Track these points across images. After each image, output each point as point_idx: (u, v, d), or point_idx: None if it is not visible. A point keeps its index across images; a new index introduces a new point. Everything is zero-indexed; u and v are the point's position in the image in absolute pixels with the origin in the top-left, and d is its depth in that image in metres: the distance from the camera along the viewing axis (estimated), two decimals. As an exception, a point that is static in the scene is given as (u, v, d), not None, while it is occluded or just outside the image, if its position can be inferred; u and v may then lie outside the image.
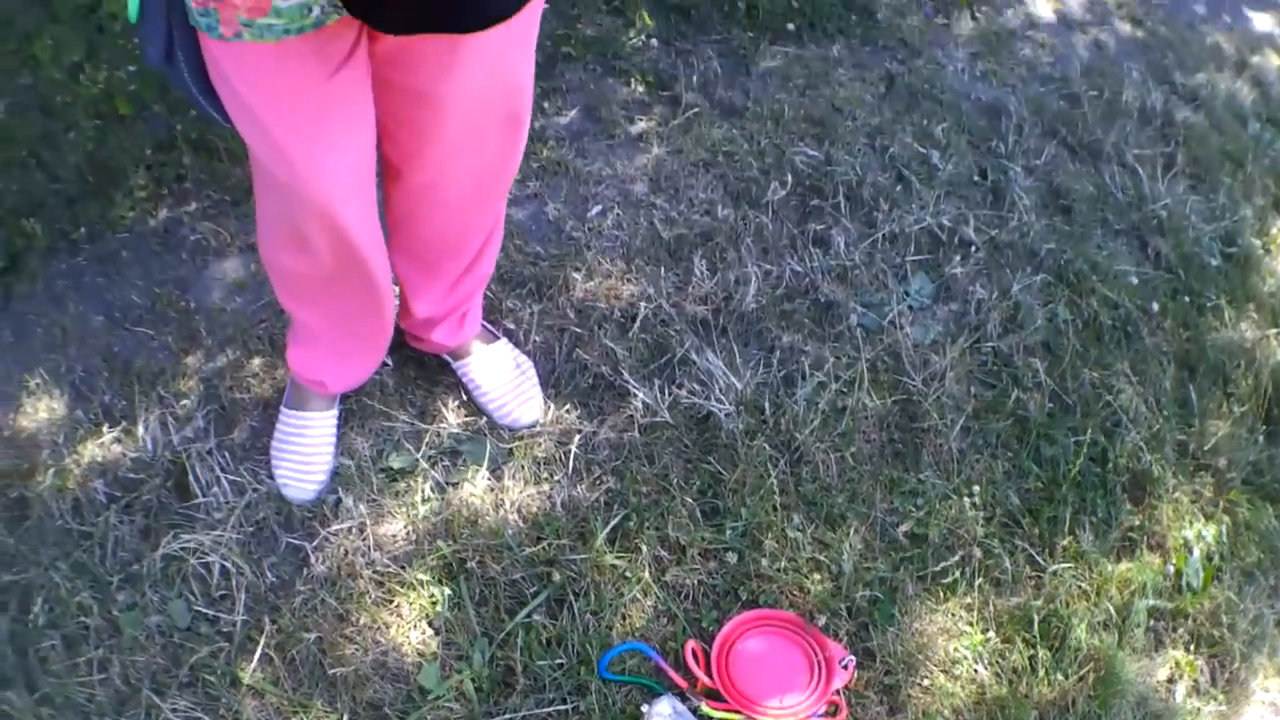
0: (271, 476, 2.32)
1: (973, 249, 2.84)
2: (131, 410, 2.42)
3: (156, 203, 2.87)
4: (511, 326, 2.59)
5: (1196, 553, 2.43)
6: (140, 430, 2.38)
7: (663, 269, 2.68)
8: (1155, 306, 2.86)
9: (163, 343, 2.57)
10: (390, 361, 2.45)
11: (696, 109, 3.07)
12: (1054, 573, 2.32)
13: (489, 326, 2.54)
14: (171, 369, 2.51)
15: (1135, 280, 2.90)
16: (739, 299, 2.62)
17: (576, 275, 2.67)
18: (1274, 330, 2.93)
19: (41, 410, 2.44)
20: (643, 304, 2.60)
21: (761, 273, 2.68)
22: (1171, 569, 2.41)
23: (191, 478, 2.30)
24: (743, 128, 3.04)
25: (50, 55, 3.51)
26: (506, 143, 1.98)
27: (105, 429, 2.39)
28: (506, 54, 1.82)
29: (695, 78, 3.16)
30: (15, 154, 3.03)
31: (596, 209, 2.82)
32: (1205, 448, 2.62)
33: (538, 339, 2.57)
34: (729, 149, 2.97)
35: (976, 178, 3.04)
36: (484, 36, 1.66)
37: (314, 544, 2.23)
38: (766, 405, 2.45)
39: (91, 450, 2.36)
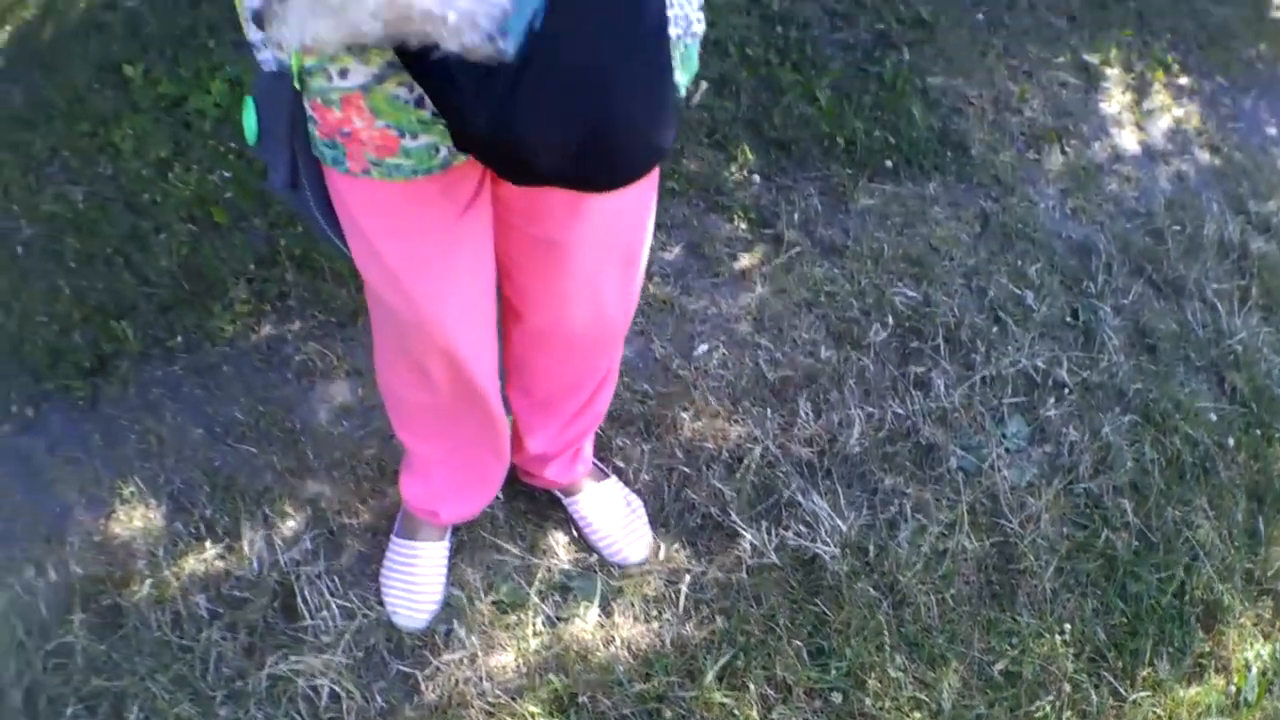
0: (381, 602, 2.39)
1: (1066, 391, 2.96)
2: (235, 527, 2.50)
3: (258, 318, 2.95)
4: (621, 464, 2.69)
5: (1254, 670, 2.52)
6: (245, 548, 2.46)
7: (769, 410, 2.80)
8: (1231, 441, 2.95)
9: (267, 461, 2.64)
10: (502, 495, 2.52)
11: (798, 247, 3.21)
12: (1134, 702, 2.41)
13: (599, 465, 2.62)
14: (277, 489, 2.58)
15: (1214, 417, 3.00)
16: (843, 441, 2.74)
17: (684, 415, 2.78)
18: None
19: (136, 519, 2.52)
20: (750, 445, 2.71)
21: (864, 415, 2.80)
22: (1233, 688, 2.50)
23: (300, 599, 2.38)
24: (843, 267, 3.18)
25: (132, 147, 3.52)
26: (625, 286, 2.03)
27: (207, 544, 2.48)
28: (630, 202, 1.87)
29: (796, 215, 3.30)
30: (99, 249, 3.09)
31: (703, 347, 2.95)
32: (1269, 573, 2.71)
33: (646, 478, 2.67)
34: (830, 289, 3.10)
35: (1069, 318, 3.15)
36: None
37: (425, 672, 2.31)
38: (870, 548, 2.56)
39: (192, 564, 2.44)
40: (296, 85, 1.55)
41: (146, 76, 3.83)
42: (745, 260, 3.17)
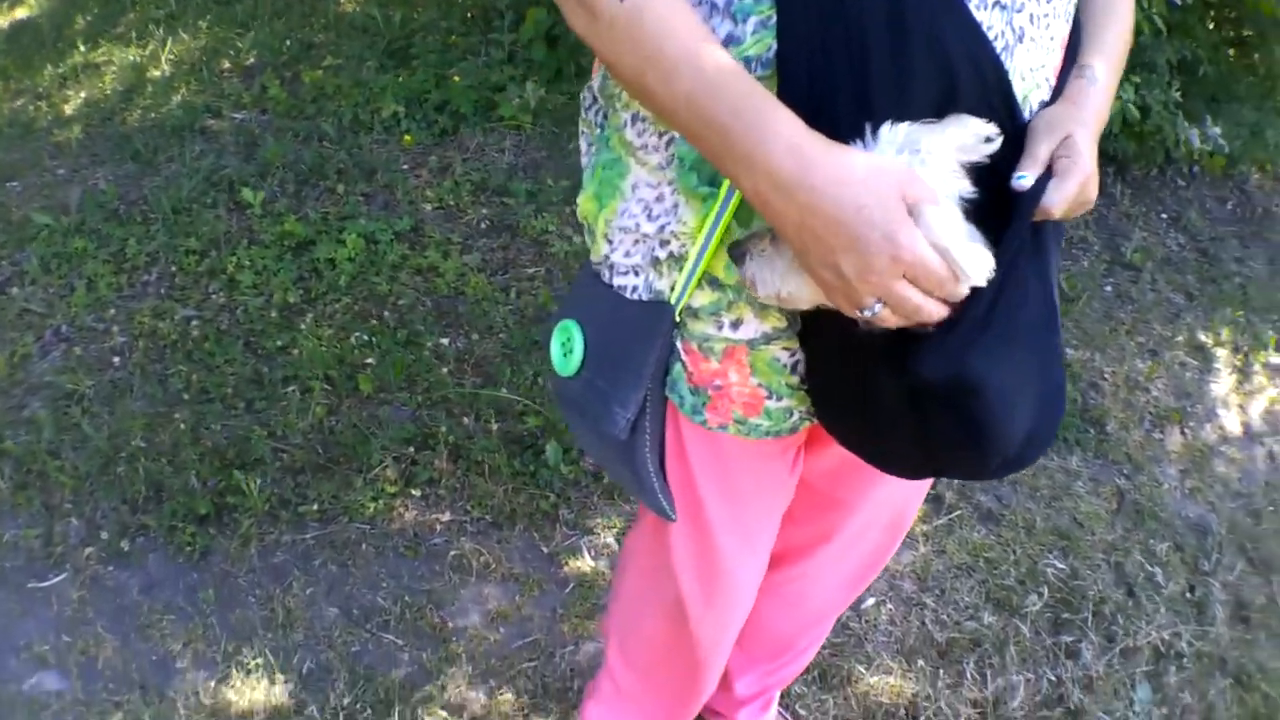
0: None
1: (1184, 660, 3.66)
2: (379, 721, 2.62)
3: (405, 501, 3.15)
4: (803, 713, 3.03)
5: None
6: (391, 744, 2.59)
7: (941, 670, 3.39)
8: None
9: (414, 657, 2.80)
10: None
11: (959, 511, 3.88)
12: None
13: (784, 713, 2.91)
14: (425, 687, 2.72)
15: (1288, 674, 3.69)
16: (1006, 705, 3.36)
17: (860, 667, 3.19)
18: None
19: (258, 691, 2.65)
20: (924, 703, 3.27)
21: (1023, 680, 3.46)
22: None
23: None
24: (999, 535, 3.83)
25: (251, 281, 3.68)
26: (883, 548, 2.18)
27: (347, 733, 2.60)
28: None
29: (956, 480, 4.00)
30: (216, 386, 3.26)
31: (870, 601, 3.51)
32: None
33: None
34: (989, 555, 3.76)
35: (1187, 594, 3.87)
36: None
37: None
38: (1032, 806, 3.18)
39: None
40: (677, 321, 1.57)
41: (267, 207, 4.05)
42: (909, 519, 3.84)
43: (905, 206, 1.25)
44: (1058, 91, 1.49)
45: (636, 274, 1.60)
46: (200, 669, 2.68)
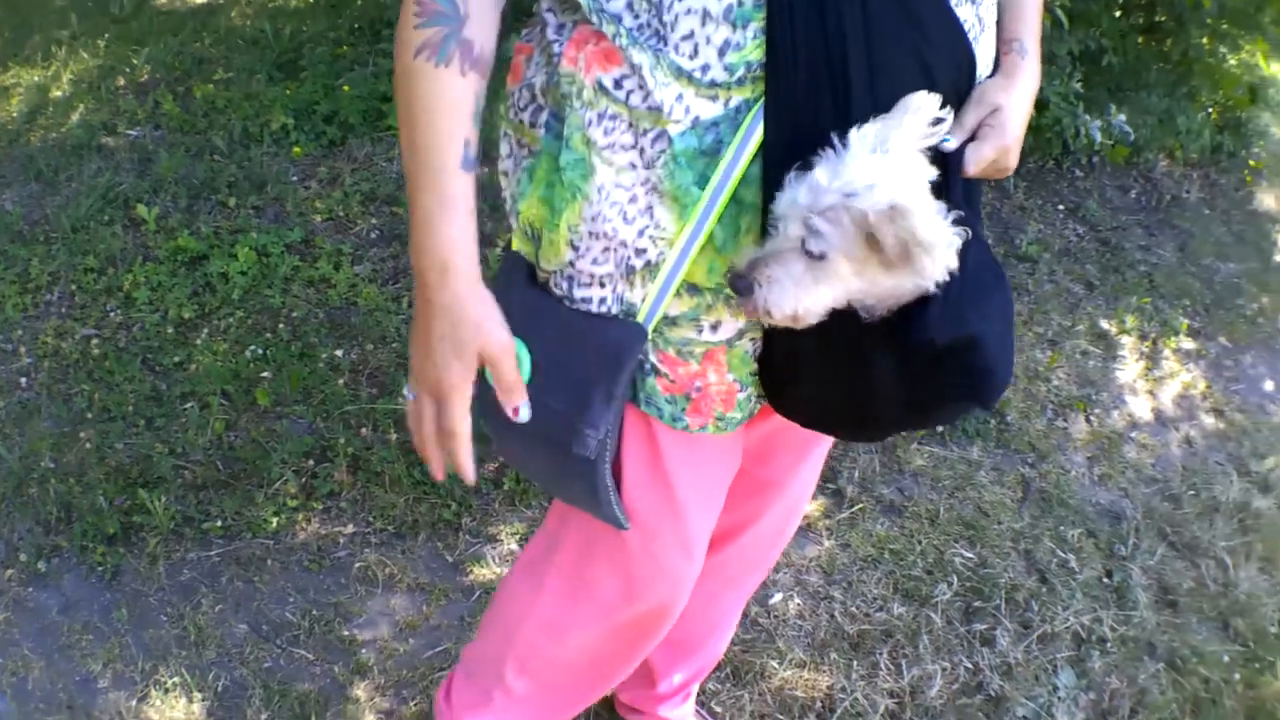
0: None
1: (1107, 644, 3.54)
2: (297, 735, 2.63)
3: (307, 515, 3.16)
4: (719, 709, 3.01)
5: None
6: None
7: (854, 662, 3.29)
8: (1236, 675, 3.52)
9: (326, 670, 2.80)
10: None
11: (861, 504, 3.76)
12: None
13: (701, 711, 2.89)
14: (339, 702, 2.72)
15: (1226, 658, 3.57)
16: (924, 694, 3.25)
17: (773, 663, 3.17)
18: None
19: (177, 710, 2.65)
20: (840, 695, 3.18)
21: (939, 669, 3.33)
22: None
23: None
24: (903, 526, 3.73)
25: (147, 298, 3.68)
26: (794, 520, 2.31)
27: (265, 752, 2.62)
28: (826, 447, 2.18)
29: (856, 472, 3.87)
30: (118, 405, 3.25)
31: (778, 596, 3.43)
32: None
33: None
34: (894, 547, 3.64)
35: (1104, 579, 3.75)
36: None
37: None
38: (958, 794, 3.06)
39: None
40: (651, 336, 1.63)
41: (161, 223, 4.05)
42: (810, 513, 3.70)
43: (476, 360, 1.52)
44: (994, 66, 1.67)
45: (604, 284, 1.61)
46: (121, 689, 2.70)
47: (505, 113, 1.73)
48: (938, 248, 1.42)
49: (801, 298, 1.46)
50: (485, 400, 1.64)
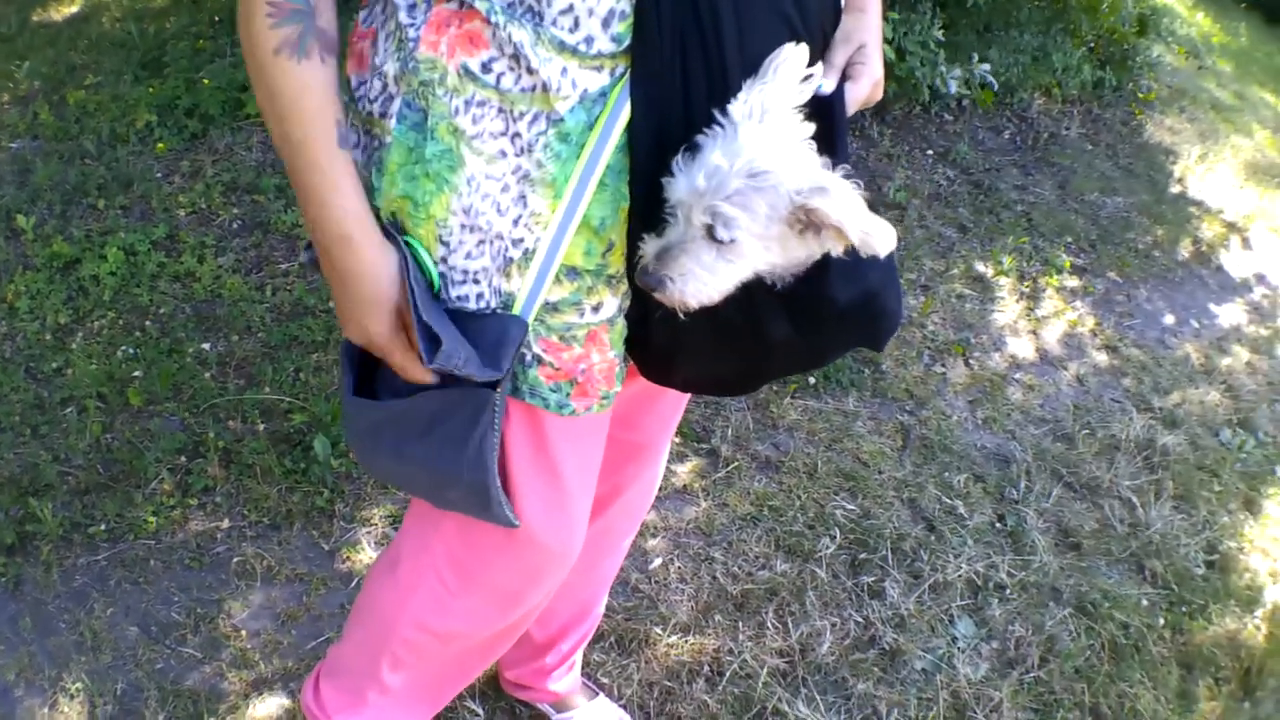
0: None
1: (1006, 591, 3.44)
2: (195, 734, 2.62)
3: (185, 512, 3.14)
4: (605, 680, 2.96)
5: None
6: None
7: (739, 623, 3.17)
8: (1161, 620, 3.44)
9: (215, 668, 2.79)
10: (481, 711, 2.78)
11: (736, 463, 3.64)
12: None
13: (587, 683, 2.86)
14: (230, 697, 2.73)
15: (1145, 602, 3.49)
16: (814, 651, 3.12)
17: (657, 629, 3.11)
18: (1248, 616, 3.57)
19: (83, 717, 2.65)
20: (728, 658, 3.06)
21: (828, 624, 3.21)
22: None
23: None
24: (780, 482, 3.61)
25: (28, 306, 3.71)
26: (660, 475, 2.36)
27: (165, 756, 2.60)
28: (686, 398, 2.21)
29: (730, 430, 3.74)
30: (4, 415, 3.25)
31: (657, 561, 3.31)
32: (1205, 728, 3.18)
33: (630, 693, 2.95)
34: (773, 503, 3.52)
35: (997, 524, 3.65)
36: None
37: None
38: (855, 753, 2.93)
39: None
40: (532, 325, 1.62)
41: (38, 231, 4.09)
42: (685, 475, 3.58)
43: (396, 315, 1.56)
44: None
45: (477, 281, 1.59)
46: (33, 697, 2.71)
47: (350, 103, 1.65)
48: (864, 215, 1.41)
49: (716, 284, 1.47)
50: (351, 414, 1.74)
